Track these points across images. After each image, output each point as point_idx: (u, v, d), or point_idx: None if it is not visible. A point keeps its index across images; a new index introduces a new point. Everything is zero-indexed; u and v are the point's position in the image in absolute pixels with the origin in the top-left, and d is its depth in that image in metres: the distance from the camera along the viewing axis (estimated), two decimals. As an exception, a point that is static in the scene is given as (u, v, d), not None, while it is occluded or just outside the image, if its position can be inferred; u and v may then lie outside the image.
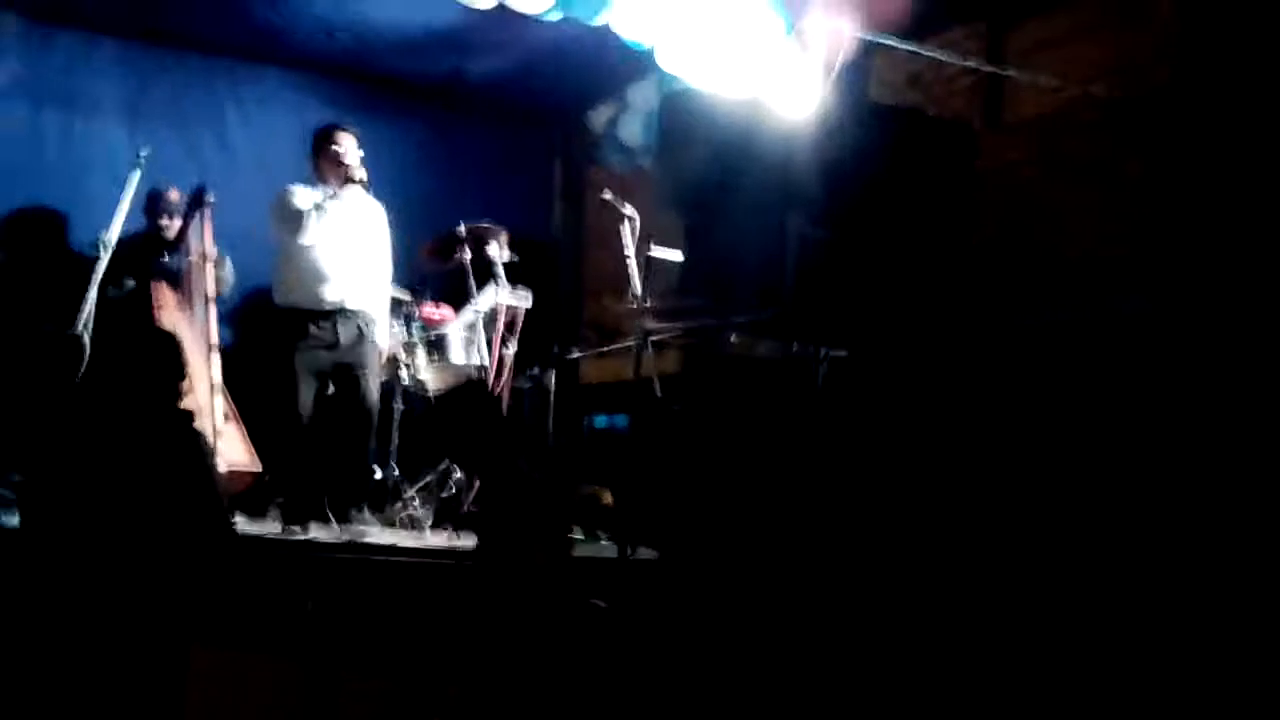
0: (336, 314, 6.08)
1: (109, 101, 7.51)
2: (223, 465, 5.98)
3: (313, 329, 6.04)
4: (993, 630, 4.24)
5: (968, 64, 6.03)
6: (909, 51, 6.22)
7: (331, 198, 6.11)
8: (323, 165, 6.24)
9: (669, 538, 5.20)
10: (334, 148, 6.21)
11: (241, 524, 5.76)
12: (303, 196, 6.12)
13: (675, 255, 5.71)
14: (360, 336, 6.14)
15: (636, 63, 6.94)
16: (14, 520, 5.16)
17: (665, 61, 6.36)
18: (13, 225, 7.01)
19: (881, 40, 5.92)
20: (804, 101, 5.29)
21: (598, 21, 6.23)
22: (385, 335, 6.48)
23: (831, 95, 5.53)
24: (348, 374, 6.12)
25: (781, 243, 4.57)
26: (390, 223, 6.54)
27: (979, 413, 4.74)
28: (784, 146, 4.58)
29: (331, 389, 6.17)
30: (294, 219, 6.04)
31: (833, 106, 5.08)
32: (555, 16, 6.20)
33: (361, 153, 6.25)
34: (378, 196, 6.44)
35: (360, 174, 6.14)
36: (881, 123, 4.97)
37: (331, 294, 6.08)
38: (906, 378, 4.93)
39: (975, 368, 4.79)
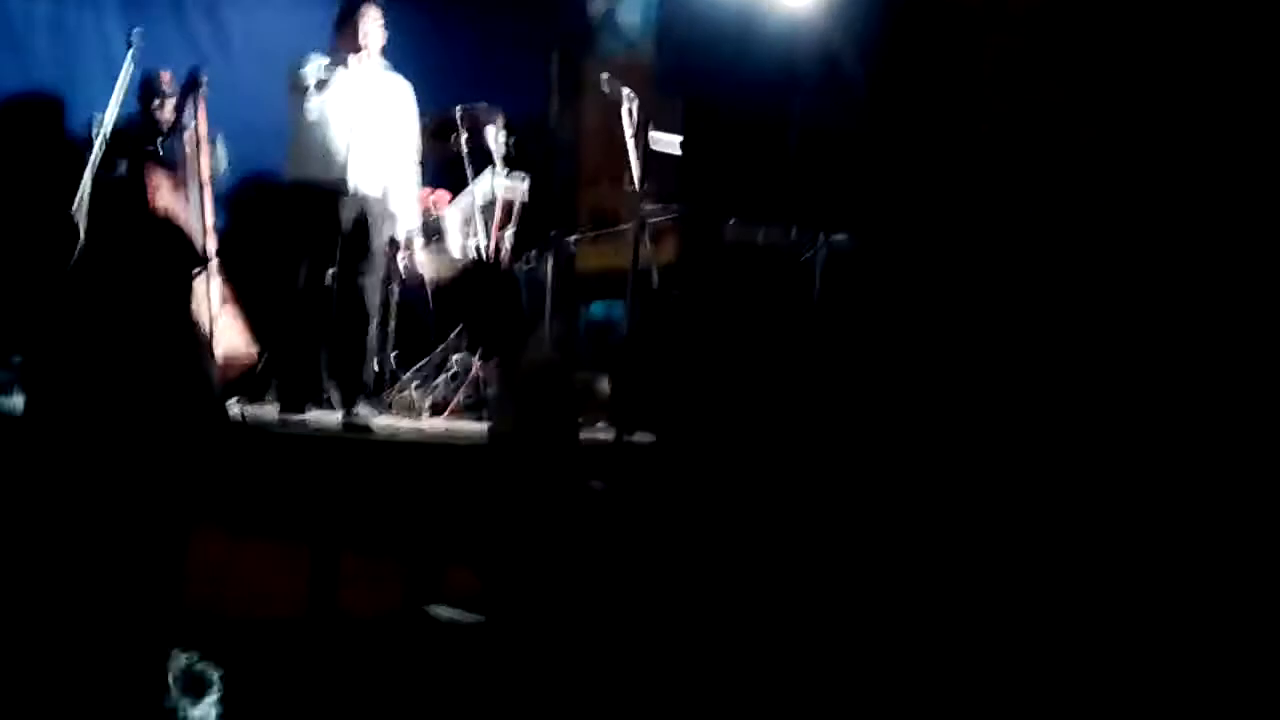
0: (341, 193, 5.90)
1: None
2: (219, 349, 5.98)
3: (315, 206, 5.89)
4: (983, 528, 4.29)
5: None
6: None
7: (338, 66, 5.91)
8: (340, 35, 6.00)
9: (666, 422, 5.23)
10: (353, 18, 5.94)
11: (239, 408, 5.80)
12: (313, 66, 5.91)
13: (675, 140, 5.69)
14: (365, 218, 5.96)
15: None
16: (10, 403, 5.19)
17: (666, -58, 6.26)
18: (6, 110, 6.94)
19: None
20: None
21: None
22: (408, 215, 6.37)
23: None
24: (348, 258, 5.94)
25: (782, 128, 4.55)
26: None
27: (975, 300, 4.74)
28: (786, 32, 4.54)
29: (332, 272, 6.06)
30: (297, 89, 5.89)
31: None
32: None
33: (384, 29, 6.03)
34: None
35: (370, 44, 5.92)
36: (884, 9, 4.91)
37: (338, 171, 5.88)
38: (906, 265, 4.92)
39: (975, 256, 4.78)
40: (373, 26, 5.96)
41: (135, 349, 4.02)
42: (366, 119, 5.95)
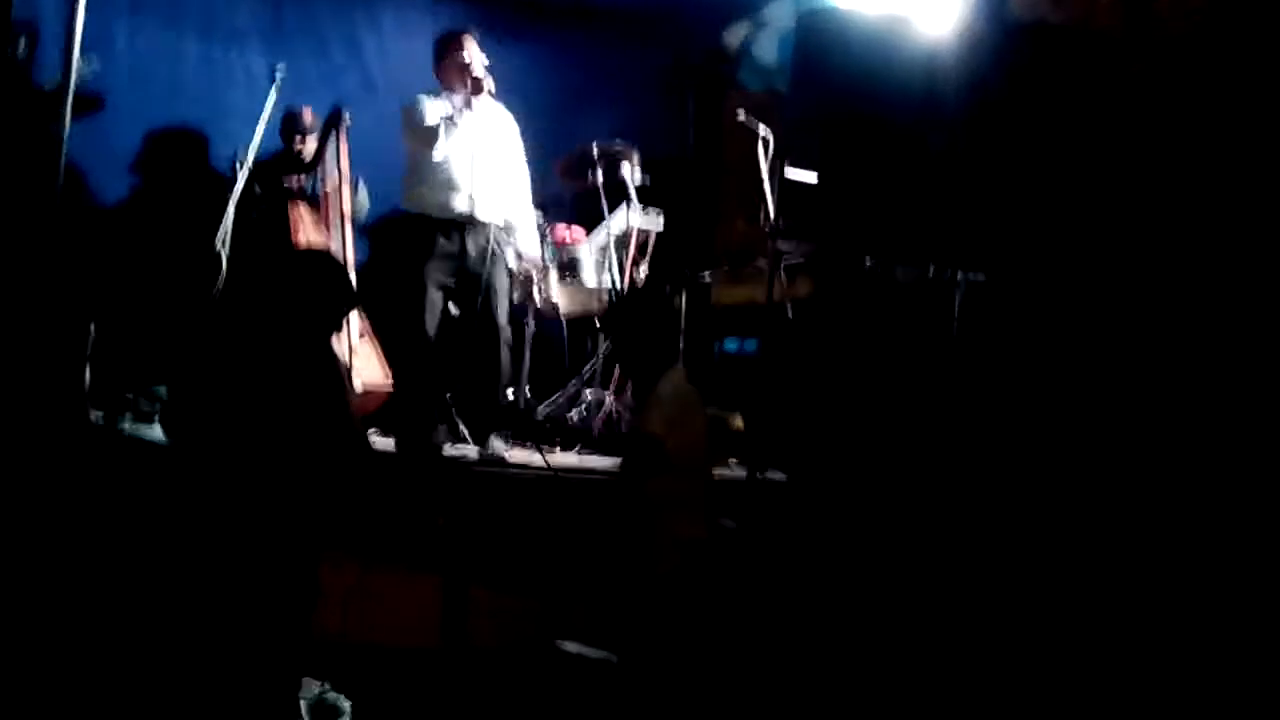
0: (465, 225, 5.98)
1: (248, 23, 7.58)
2: (358, 382, 6.06)
3: (441, 240, 5.95)
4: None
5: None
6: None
7: (463, 109, 6.00)
8: (448, 73, 6.12)
9: (798, 461, 5.17)
10: (458, 54, 6.07)
11: (376, 440, 5.86)
12: (432, 109, 6.01)
13: (810, 177, 5.64)
14: (489, 251, 6.00)
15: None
16: (153, 433, 5.30)
17: (803, -26, 6.24)
18: (153, 144, 7.13)
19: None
20: (944, 19, 5.16)
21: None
22: (531, 245, 6.43)
23: (972, 12, 5.38)
24: (474, 289, 5.97)
25: (920, 164, 4.48)
26: (523, 138, 6.45)
27: (1117, 343, 4.62)
28: (924, 64, 4.48)
29: (457, 306, 6.11)
30: (425, 134, 5.95)
31: (974, 24, 4.95)
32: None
33: (485, 58, 6.11)
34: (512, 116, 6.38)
35: (488, 81, 6.02)
36: (1025, 40, 4.83)
37: (460, 204, 5.97)
38: (1047, 304, 4.82)
39: (1116, 297, 4.67)
40: (477, 56, 6.05)
41: (280, 380, 4.09)
42: (486, 152, 6.02)
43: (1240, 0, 5.13)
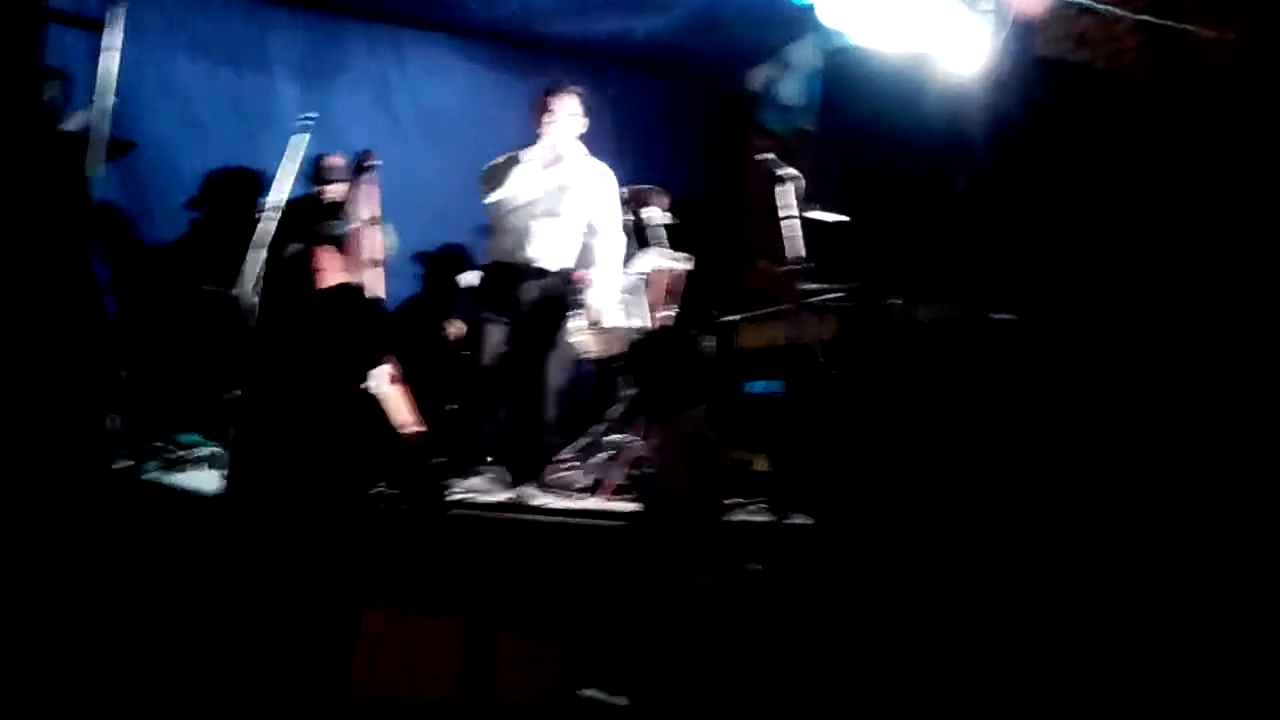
0: (528, 273, 6.12)
1: (279, 66, 7.64)
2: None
3: (504, 285, 6.10)
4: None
5: (1141, 17, 5.79)
6: (1078, 8, 6.01)
7: (526, 160, 6.18)
8: (543, 125, 6.30)
9: (824, 504, 5.13)
10: (553, 109, 6.28)
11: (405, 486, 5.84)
12: (508, 159, 6.21)
13: (836, 218, 5.61)
14: (546, 300, 6.16)
15: (797, 20, 6.83)
16: (186, 479, 5.31)
17: (827, 17, 6.22)
18: (184, 187, 7.19)
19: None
20: (970, 58, 5.14)
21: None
22: (603, 302, 6.48)
23: (998, 52, 5.36)
24: (527, 337, 6.11)
25: (946, 203, 4.46)
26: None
27: (1148, 382, 4.58)
28: (950, 105, 4.46)
29: (512, 349, 6.16)
30: (488, 175, 6.20)
31: (1000, 63, 4.93)
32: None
33: (581, 115, 6.30)
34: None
35: (561, 139, 6.19)
36: (1052, 80, 4.81)
37: (525, 253, 6.15)
38: (1076, 344, 4.78)
39: (1146, 335, 4.63)
40: (559, 117, 6.24)
41: (321, 428, 4.09)
42: (556, 204, 6.21)
43: (1269, 41, 5.11)
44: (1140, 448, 4.46)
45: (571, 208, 6.26)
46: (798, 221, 5.77)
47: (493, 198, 6.09)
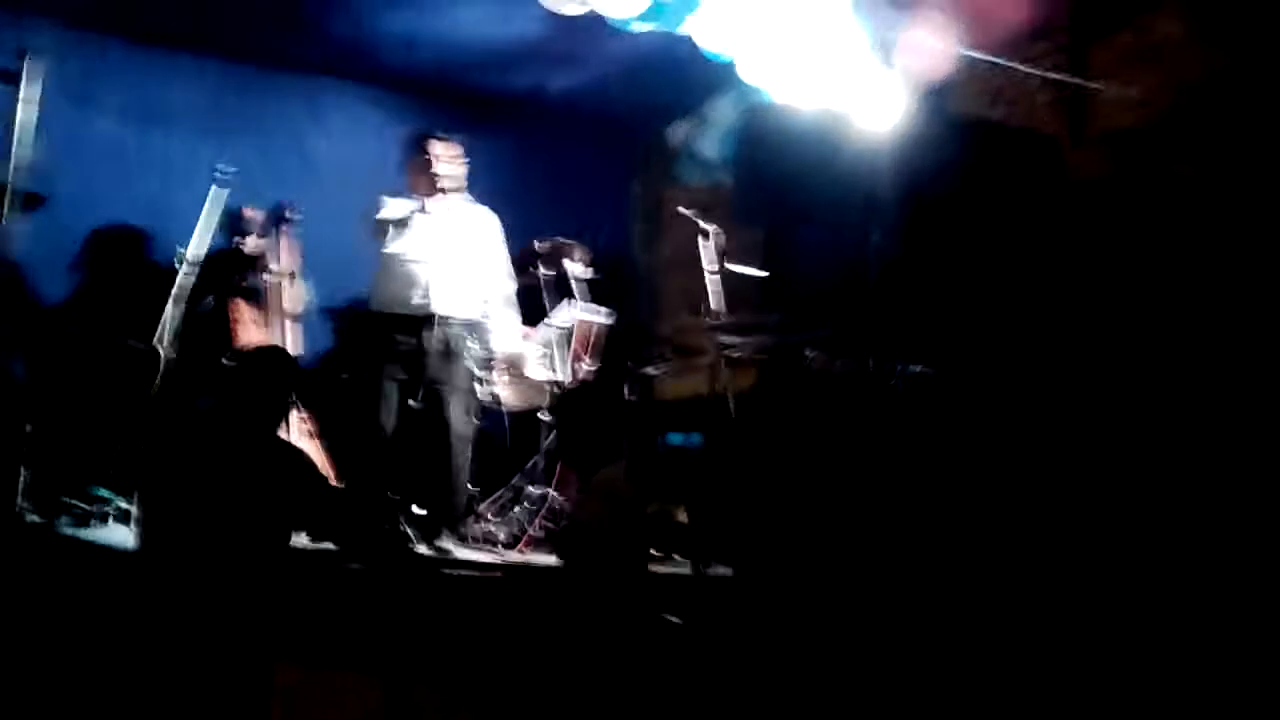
0: (423, 322, 5.95)
1: (191, 118, 7.57)
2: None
3: (399, 337, 5.94)
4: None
5: (1054, 76, 5.92)
6: (991, 66, 6.13)
7: (418, 211, 6.05)
8: (412, 173, 6.18)
9: (744, 555, 5.15)
10: (422, 156, 6.14)
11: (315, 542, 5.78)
12: (390, 208, 6.07)
13: (753, 272, 5.67)
14: (448, 350, 6.01)
15: (716, 76, 6.89)
16: (98, 534, 5.22)
17: (746, 74, 6.29)
18: (96, 240, 7.08)
19: (974, 57, 5.82)
20: (886, 116, 5.22)
21: (683, 29, 6.13)
22: (505, 343, 6.45)
23: (913, 110, 5.45)
24: (432, 388, 5.96)
25: (861, 258, 4.52)
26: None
27: (1060, 431, 4.65)
28: (865, 161, 4.53)
29: (416, 403, 6.05)
30: (375, 229, 6.03)
31: (915, 121, 5.02)
32: (644, 27, 6.11)
33: (461, 159, 6.19)
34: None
35: (445, 183, 6.07)
36: (964, 136, 4.90)
37: (418, 300, 5.97)
38: (988, 396, 4.84)
39: (1060, 386, 4.70)
40: (443, 163, 6.11)
41: (233, 479, 4.05)
42: (450, 251, 6.03)
43: (1180, 99, 5.24)
44: (1051, 497, 4.52)
45: (462, 253, 6.18)
46: (717, 275, 5.84)
47: (391, 248, 5.98)
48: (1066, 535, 4.45)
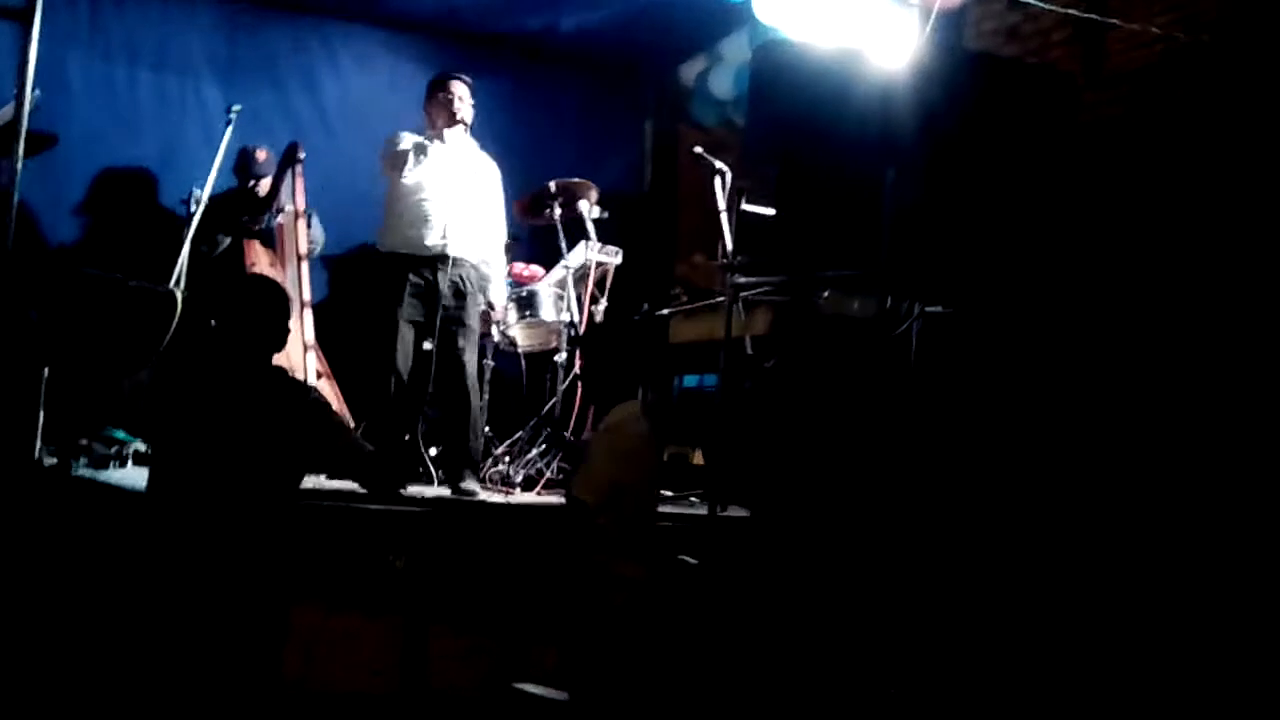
0: (437, 261, 5.95)
1: (202, 60, 7.52)
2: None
3: (412, 276, 5.93)
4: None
5: (1070, 13, 5.86)
6: (1007, 2, 6.08)
7: (433, 139, 6.05)
8: (432, 111, 6.17)
9: (759, 496, 5.15)
10: (443, 94, 6.14)
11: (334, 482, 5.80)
12: (407, 137, 6.06)
13: (767, 211, 5.63)
14: (461, 290, 6.02)
15: (729, 14, 6.84)
16: (110, 475, 5.23)
17: (760, 11, 6.24)
18: (107, 182, 7.07)
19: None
20: (900, 52, 5.17)
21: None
22: (498, 292, 6.45)
23: (928, 45, 5.40)
24: (445, 327, 5.97)
25: (876, 197, 4.48)
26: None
27: (1076, 373, 4.63)
28: (879, 98, 4.48)
29: (431, 343, 6.05)
30: (394, 158, 6.00)
31: (929, 57, 4.96)
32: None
33: (473, 104, 6.18)
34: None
35: (464, 116, 6.09)
36: (980, 73, 4.84)
37: (433, 240, 5.95)
38: (1005, 335, 4.83)
39: (1073, 326, 4.68)
40: (463, 100, 6.07)
41: (245, 415, 4.04)
42: (462, 190, 6.02)
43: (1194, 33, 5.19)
44: (1071, 439, 4.52)
45: (476, 196, 6.18)
46: (732, 215, 5.80)
47: (408, 179, 5.96)
48: (1081, 478, 4.45)
